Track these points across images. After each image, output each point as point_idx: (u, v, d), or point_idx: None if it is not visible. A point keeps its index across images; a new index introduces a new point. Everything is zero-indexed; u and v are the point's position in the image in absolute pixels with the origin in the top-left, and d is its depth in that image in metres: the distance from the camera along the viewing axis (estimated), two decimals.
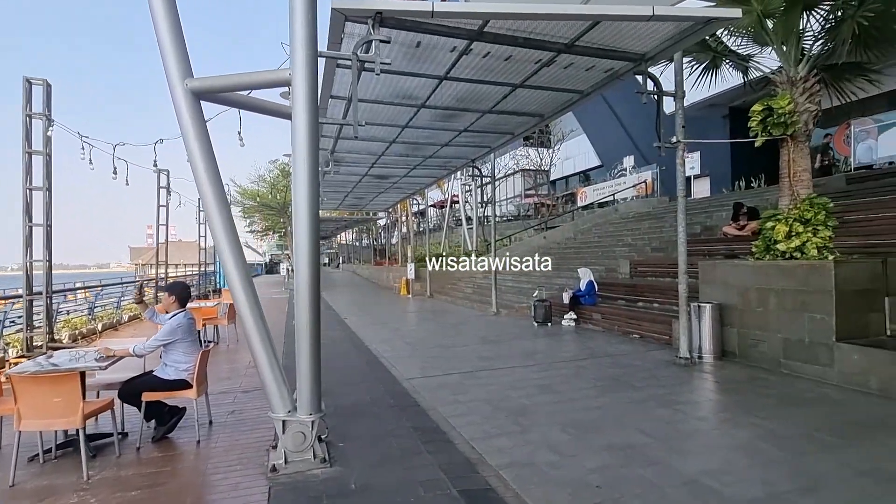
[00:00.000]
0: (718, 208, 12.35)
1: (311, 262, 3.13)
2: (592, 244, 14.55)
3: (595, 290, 10.01)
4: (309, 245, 3.10)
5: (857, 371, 5.14)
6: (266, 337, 3.34)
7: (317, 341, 3.26)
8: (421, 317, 12.52)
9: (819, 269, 5.53)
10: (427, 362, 6.90)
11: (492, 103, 7.86)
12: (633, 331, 8.46)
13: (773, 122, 6.43)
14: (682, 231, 6.65)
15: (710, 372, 5.98)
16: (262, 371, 3.33)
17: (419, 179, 14.99)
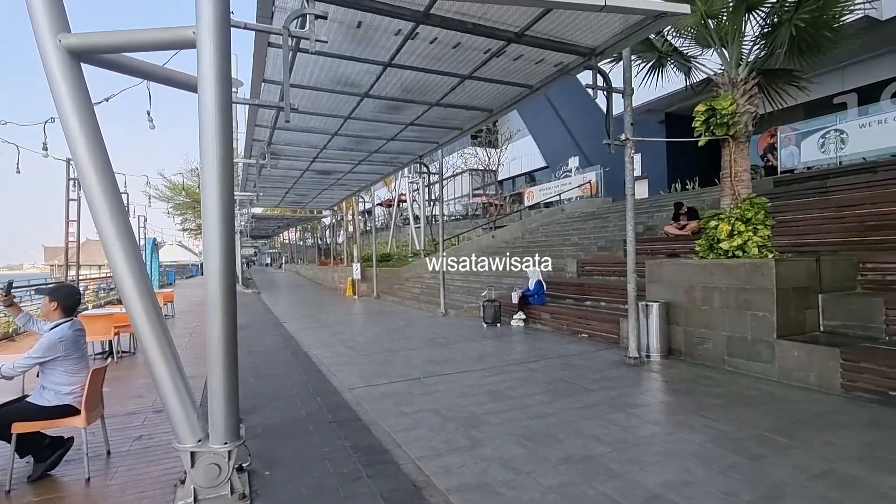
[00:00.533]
0: (659, 209, 12.70)
1: (223, 262, 2.61)
2: (540, 243, 14.58)
3: (544, 290, 9.92)
4: (221, 242, 2.59)
5: (796, 367, 5.24)
6: (169, 351, 2.78)
7: (233, 356, 2.75)
8: (366, 319, 11.96)
9: (761, 267, 5.62)
10: (371, 369, 6.43)
11: (439, 95, 7.50)
12: (582, 330, 8.41)
13: (715, 122, 6.52)
14: (630, 229, 6.60)
15: (659, 371, 5.94)
16: (163, 394, 2.77)
17: (365, 176, 14.40)
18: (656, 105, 21.26)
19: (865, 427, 3.92)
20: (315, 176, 14.16)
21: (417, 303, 13.85)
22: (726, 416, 4.24)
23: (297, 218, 30.22)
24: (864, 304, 5.47)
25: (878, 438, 3.67)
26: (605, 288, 9.45)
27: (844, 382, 4.83)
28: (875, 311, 5.37)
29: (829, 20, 6.23)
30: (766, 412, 4.34)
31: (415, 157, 11.87)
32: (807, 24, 5.92)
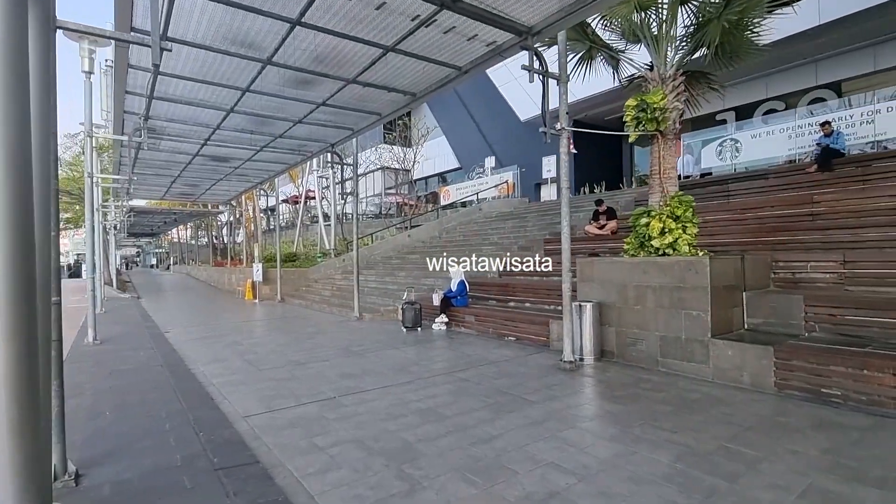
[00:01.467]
0: (576, 209, 12.82)
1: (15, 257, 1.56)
2: (459, 243, 14.13)
3: (467, 291, 9.37)
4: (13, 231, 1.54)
5: (730, 367, 5.15)
6: None
7: (32, 382, 1.69)
8: (269, 325, 10.55)
9: (695, 265, 5.49)
10: (275, 388, 5.33)
11: (358, 69, 6.59)
12: (509, 333, 7.96)
13: (646, 117, 6.38)
14: (566, 226, 6.22)
15: (596, 376, 5.59)
16: None
17: (268, 165, 12.86)
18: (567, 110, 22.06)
19: (815, 430, 3.77)
20: (208, 163, 12.35)
21: (328, 306, 12.65)
22: (681, 426, 3.89)
23: (187, 213, 26.91)
24: (784, 302, 5.57)
25: (834, 444, 3.50)
26: (530, 288, 9.14)
27: (778, 381, 4.78)
28: (795, 307, 5.48)
29: (749, 23, 6.38)
30: (717, 418, 4.08)
31: (326, 145, 10.72)
32: (731, 25, 5.97)
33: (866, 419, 3.98)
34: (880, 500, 2.70)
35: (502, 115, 25.48)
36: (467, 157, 29.39)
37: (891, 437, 3.60)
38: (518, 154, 24.34)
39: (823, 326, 5.30)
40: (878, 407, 4.16)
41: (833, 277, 5.96)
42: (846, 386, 4.37)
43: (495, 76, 23.74)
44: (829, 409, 4.26)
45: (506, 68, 23.35)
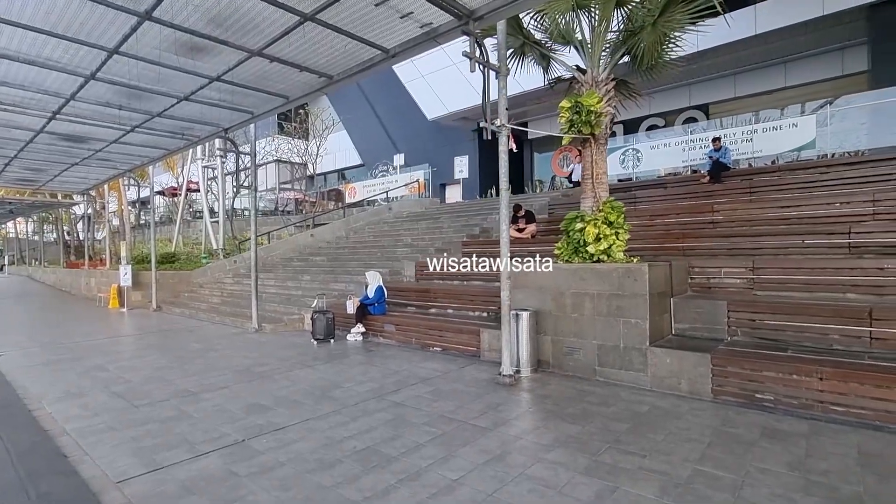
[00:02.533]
0: (491, 211, 12.72)
1: None
2: (369, 244, 13.25)
3: (385, 297, 8.63)
4: None
5: (668, 375, 5.13)
6: None
7: None
8: (144, 342, 8.77)
9: (634, 272, 5.42)
10: (158, 433, 4.16)
11: (266, 39, 5.55)
12: (435, 343, 7.41)
13: (580, 120, 6.24)
14: (504, 230, 5.83)
15: (539, 391, 5.26)
16: None
17: (141, 150, 10.81)
18: (470, 114, 22.17)
19: (768, 441, 3.75)
20: (58, 143, 10.02)
21: (218, 315, 11.01)
22: (646, 448, 3.65)
23: (28, 203, 22.19)
24: (710, 307, 5.75)
25: (792, 457, 3.48)
26: (452, 293, 8.68)
27: (714, 388, 4.84)
28: (719, 313, 5.68)
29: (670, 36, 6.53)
30: (675, 435, 3.91)
31: (218, 129, 9.24)
32: (667, 30, 6.06)
33: (801, 424, 4.09)
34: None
35: (409, 112, 24.93)
36: (370, 154, 28.34)
37: (832, 444, 3.69)
38: (425, 153, 23.99)
39: (744, 331, 5.53)
40: (807, 410, 4.34)
41: (743, 283, 6.32)
42: (777, 391, 4.51)
43: (402, 72, 23.11)
44: (766, 414, 4.35)
45: (413, 65, 22.93)
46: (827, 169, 8.83)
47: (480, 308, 8.07)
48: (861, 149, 11.25)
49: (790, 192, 8.45)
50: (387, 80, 25.86)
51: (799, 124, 10.91)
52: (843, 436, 3.83)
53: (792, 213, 7.46)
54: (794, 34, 14.77)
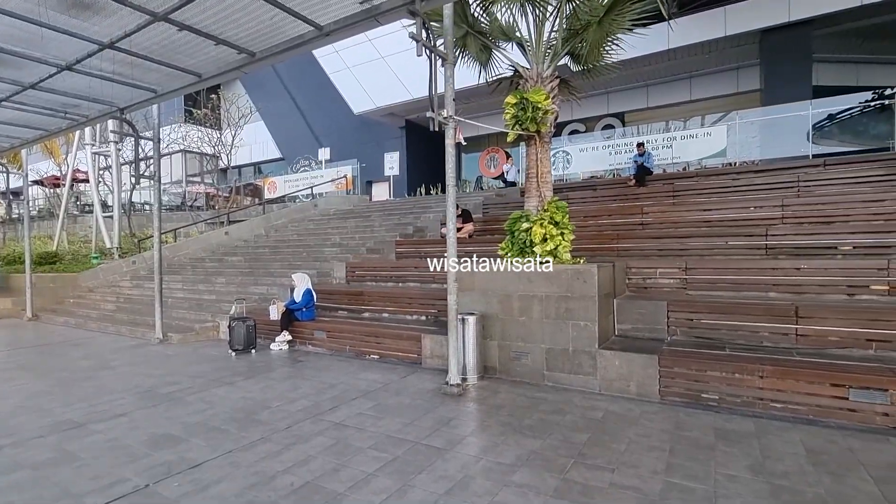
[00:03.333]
0: (424, 210, 12.35)
1: None
2: (293, 243, 12.28)
3: (314, 301, 7.91)
4: None
5: (617, 377, 5.08)
6: None
7: None
8: (13, 361, 7.27)
9: (584, 273, 5.31)
10: (31, 484, 3.26)
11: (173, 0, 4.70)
12: (372, 350, 6.87)
13: (525, 116, 6.05)
14: (451, 228, 5.47)
15: (490, 400, 4.97)
16: None
17: (9, 129, 9.03)
18: (398, 110, 21.68)
19: (725, 445, 3.74)
20: None
21: (113, 325, 9.53)
22: (613, 461, 3.47)
23: None
24: (651, 308, 5.82)
25: (751, 460, 3.47)
26: (387, 296, 8.17)
27: (662, 389, 4.84)
28: (660, 313, 5.76)
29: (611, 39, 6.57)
30: (638, 444, 3.79)
31: (113, 109, 7.92)
32: (613, 30, 6.04)
33: (747, 423, 4.16)
34: None
35: (333, 106, 23.83)
36: (290, 148, 26.76)
37: (781, 443, 3.75)
38: (351, 148, 23.06)
39: (682, 330, 5.66)
40: (749, 408, 4.45)
41: (677, 283, 6.52)
42: (722, 390, 4.60)
43: (326, 63, 22.00)
44: (714, 414, 4.40)
45: (338, 55, 21.92)
46: (738, 176, 9.52)
47: (419, 311, 7.66)
48: (754, 159, 12.40)
49: (708, 196, 8.99)
50: (309, 70, 24.54)
51: (712, 133, 11.77)
52: (786, 433, 3.93)
53: (713, 216, 7.90)
54: (700, 52, 16.03)
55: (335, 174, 18.32)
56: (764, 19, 14.24)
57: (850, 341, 4.87)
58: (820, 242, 6.54)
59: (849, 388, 4.11)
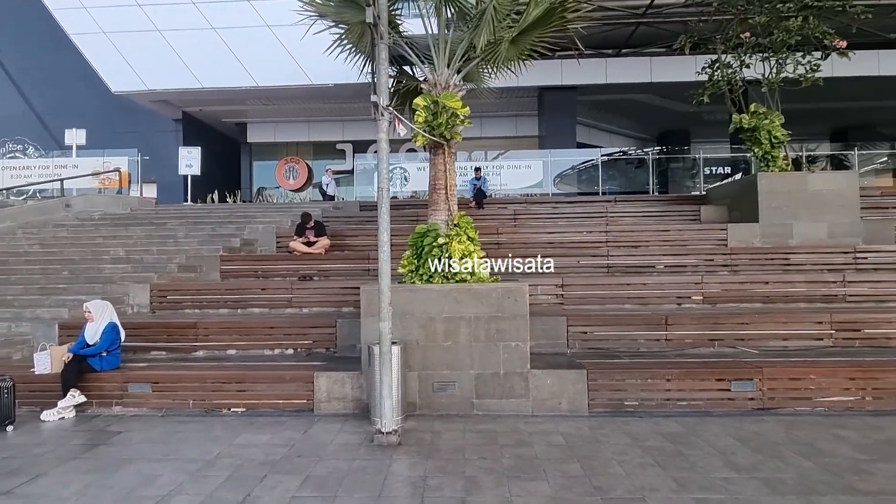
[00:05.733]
0: (247, 219, 10.24)
1: None
2: (35, 258, 8.45)
3: (121, 341, 5.48)
4: None
5: (549, 396, 5.00)
6: None
7: None
8: None
9: (515, 292, 5.11)
10: None
11: None
12: (231, 402, 5.11)
13: (439, 123, 5.60)
14: (385, 243, 4.53)
15: (441, 445, 4.21)
16: None
17: None
18: (174, 98, 17.92)
19: (685, 447, 4.00)
20: None
21: None
22: (641, 487, 3.28)
23: None
24: (553, 323, 6.02)
25: (723, 458, 3.78)
26: (232, 328, 6.34)
27: (590, 402, 4.98)
28: (561, 328, 6.01)
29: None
30: (615, 472, 3.71)
31: None
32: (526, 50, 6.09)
33: (669, 424, 4.58)
34: None
35: (75, 77, 18.08)
36: None
37: (712, 436, 4.24)
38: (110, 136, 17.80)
39: (579, 343, 6.03)
40: (661, 409, 4.95)
41: (555, 299, 6.98)
42: (639, 396, 5.00)
43: (66, 18, 16.52)
44: (638, 420, 4.72)
45: (87, 13, 16.74)
46: (557, 204, 11.01)
47: (284, 345, 6.17)
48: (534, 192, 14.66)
49: (543, 220, 10.08)
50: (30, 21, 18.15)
51: (531, 167, 13.41)
52: (703, 426, 4.47)
53: (558, 238, 8.84)
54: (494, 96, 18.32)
55: (100, 165, 13.64)
56: (544, 79, 17.18)
57: (700, 342, 6.00)
58: (643, 262, 7.98)
59: (731, 381, 4.98)
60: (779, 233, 8.30)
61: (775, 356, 5.53)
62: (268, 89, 16.38)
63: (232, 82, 16.05)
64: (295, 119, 20.57)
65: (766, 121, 9.10)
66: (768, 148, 9.12)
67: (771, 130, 9.06)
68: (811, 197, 8.44)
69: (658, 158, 14.83)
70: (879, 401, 4.91)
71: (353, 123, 21.31)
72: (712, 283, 7.04)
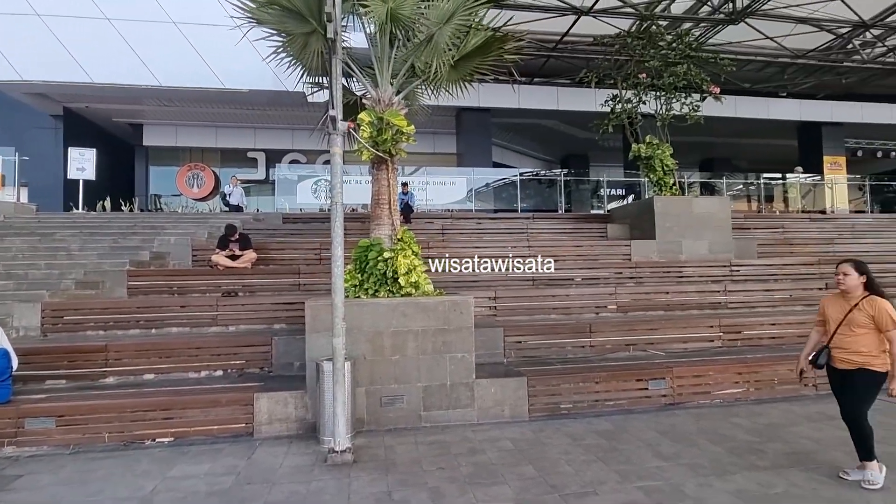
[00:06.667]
0: (155, 230, 9.29)
1: None
2: None
3: (13, 370, 4.73)
4: None
5: (492, 404, 5.24)
6: None
7: None
8: None
9: (461, 305, 5.29)
10: None
11: None
12: (156, 432, 4.64)
13: (384, 139, 5.68)
14: (339, 255, 4.46)
15: (396, 459, 4.23)
16: None
17: None
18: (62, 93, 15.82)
19: (622, 443, 4.44)
20: None
21: None
22: (596, 480, 3.60)
23: None
24: (492, 333, 6.28)
25: (654, 449, 4.26)
26: (149, 350, 5.75)
27: (530, 408, 5.30)
28: (498, 338, 6.30)
29: None
30: (564, 470, 4.04)
31: None
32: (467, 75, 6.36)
33: (601, 423, 5.05)
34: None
35: None
36: None
37: (639, 430, 4.76)
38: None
39: (514, 352, 6.37)
40: (592, 409, 5.41)
41: (489, 311, 7.31)
42: (572, 399, 5.43)
43: None
44: (573, 421, 5.13)
45: None
46: (480, 220, 11.51)
47: (212, 366, 5.74)
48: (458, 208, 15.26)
49: (469, 235, 10.47)
50: None
51: (456, 183, 13.80)
52: (634, 422, 5.00)
53: (486, 252, 9.25)
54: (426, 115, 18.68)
55: None
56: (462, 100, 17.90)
57: (618, 347, 6.65)
58: (563, 275, 8.64)
59: (648, 381, 5.61)
60: (672, 249, 9.49)
61: (679, 357, 6.31)
62: (172, 90, 15.10)
63: (129, 79, 14.56)
64: (200, 123, 19.15)
65: (658, 151, 10.42)
66: (661, 175, 10.43)
67: (663, 160, 10.40)
68: (695, 218, 9.77)
69: (567, 180, 16.07)
70: (760, 391, 5.83)
71: (267, 131, 20.39)
72: (623, 294, 7.85)
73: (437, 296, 5.56)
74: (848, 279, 3.56)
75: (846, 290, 3.59)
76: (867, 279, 3.54)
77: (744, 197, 21.03)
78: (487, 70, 6.35)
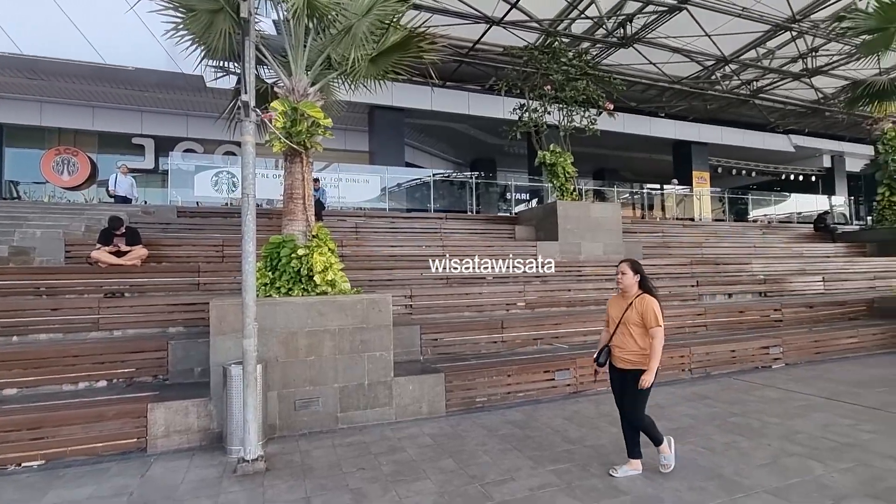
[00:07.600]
0: (16, 222, 7.92)
1: None
2: None
3: None
4: None
5: (411, 402, 5.26)
6: None
7: None
8: None
9: (379, 303, 5.24)
10: None
11: None
12: (19, 455, 3.99)
13: (298, 131, 5.45)
14: (251, 253, 4.17)
15: (314, 463, 4.07)
16: None
17: None
18: None
19: (531, 431, 4.70)
20: None
21: None
22: (510, 469, 3.76)
23: None
24: (408, 332, 6.29)
25: (562, 432, 4.56)
26: (8, 360, 4.91)
27: (447, 403, 5.41)
28: (415, 336, 6.33)
29: None
30: (497, 463, 4.20)
31: None
32: (385, 71, 6.25)
33: (513, 413, 5.32)
34: None
35: None
36: None
37: (547, 420, 5.08)
38: None
39: (431, 349, 6.45)
40: (504, 402, 5.67)
41: (404, 310, 7.30)
42: (486, 393, 5.64)
43: None
44: (488, 413, 5.34)
45: None
46: (394, 219, 11.45)
47: (95, 376, 5.07)
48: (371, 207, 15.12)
49: (383, 235, 10.35)
50: None
51: (370, 181, 13.50)
52: (541, 411, 5.32)
53: (398, 251, 9.25)
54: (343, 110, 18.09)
55: None
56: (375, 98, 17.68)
57: (527, 342, 7.03)
58: (475, 273, 8.92)
59: (554, 372, 6.01)
60: (572, 250, 10.24)
61: (580, 349, 6.83)
62: (36, 60, 13.01)
63: None
64: (72, 101, 16.72)
65: (561, 159, 11.20)
66: (563, 181, 11.22)
67: (565, 167, 11.19)
68: (592, 222, 10.65)
69: (477, 182, 16.59)
70: None
71: (157, 116, 18.38)
72: (531, 292, 8.30)
73: (355, 294, 5.45)
74: (625, 278, 3.62)
75: (624, 290, 3.66)
76: (641, 278, 3.61)
77: (630, 204, 23.27)
78: (405, 69, 6.35)
